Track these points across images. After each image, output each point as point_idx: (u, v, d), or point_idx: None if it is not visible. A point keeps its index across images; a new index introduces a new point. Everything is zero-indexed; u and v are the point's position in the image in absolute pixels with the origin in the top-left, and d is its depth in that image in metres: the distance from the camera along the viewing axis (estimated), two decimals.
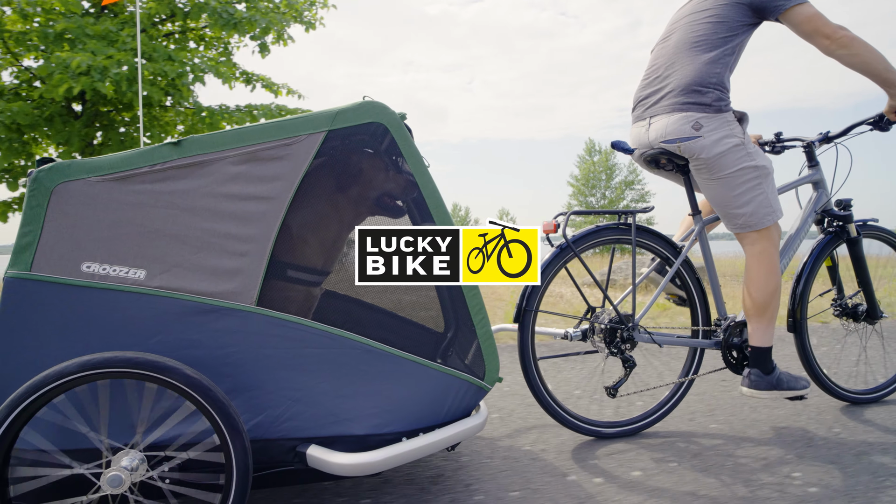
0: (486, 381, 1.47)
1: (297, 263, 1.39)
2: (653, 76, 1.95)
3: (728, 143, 1.79)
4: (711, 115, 1.79)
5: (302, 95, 6.90)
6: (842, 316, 2.24)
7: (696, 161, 1.83)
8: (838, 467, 1.65)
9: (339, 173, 1.42)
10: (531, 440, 1.90)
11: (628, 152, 2.03)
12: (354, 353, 1.35)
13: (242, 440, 1.16)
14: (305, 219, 1.39)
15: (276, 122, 1.34)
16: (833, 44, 1.75)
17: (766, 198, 1.84)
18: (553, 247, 1.87)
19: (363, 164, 1.43)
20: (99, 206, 1.25)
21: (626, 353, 1.86)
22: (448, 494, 1.51)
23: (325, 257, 1.46)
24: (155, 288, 1.26)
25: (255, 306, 1.30)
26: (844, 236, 2.14)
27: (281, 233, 1.33)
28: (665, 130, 1.84)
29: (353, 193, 1.46)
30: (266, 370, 1.31)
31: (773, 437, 1.90)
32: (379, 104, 1.39)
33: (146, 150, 1.28)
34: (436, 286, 1.52)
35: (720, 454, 1.77)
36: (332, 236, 1.46)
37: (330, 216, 1.44)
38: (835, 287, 2.23)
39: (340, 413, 1.34)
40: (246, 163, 1.32)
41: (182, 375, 1.13)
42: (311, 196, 1.38)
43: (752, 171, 1.81)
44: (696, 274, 2.02)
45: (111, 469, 1.13)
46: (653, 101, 1.91)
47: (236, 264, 1.30)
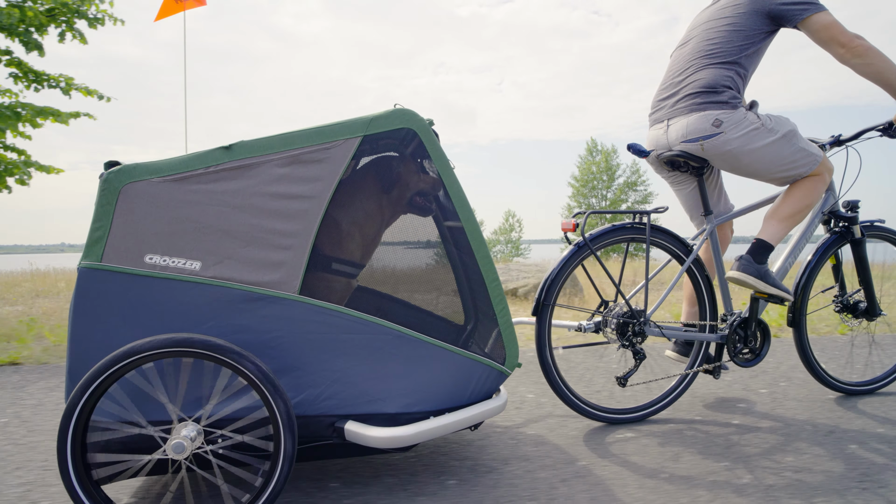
0: (506, 366, 1.59)
1: (335, 257, 1.53)
2: (669, 80, 2.05)
3: (750, 130, 1.90)
4: (729, 111, 1.89)
5: (105, 97, 5.70)
6: (842, 312, 2.33)
7: (724, 156, 1.93)
8: (840, 456, 1.75)
9: (374, 174, 1.54)
10: (546, 427, 2.02)
11: (644, 154, 2.13)
12: (387, 338, 1.48)
13: (289, 415, 1.29)
14: (343, 216, 1.53)
15: (318, 128, 1.47)
16: (848, 52, 1.82)
17: (802, 151, 1.97)
18: (570, 244, 1.99)
19: (395, 166, 1.56)
20: (160, 204, 1.39)
21: (637, 345, 1.97)
22: (460, 471, 1.64)
23: (361, 252, 1.59)
24: (209, 278, 1.40)
25: (297, 295, 1.44)
26: (849, 237, 2.23)
27: (321, 228, 1.47)
28: (686, 130, 1.94)
29: (386, 192, 1.59)
30: (307, 353, 1.44)
31: (776, 427, 2.00)
32: (409, 111, 1.52)
33: (201, 154, 1.42)
34: (457, 283, 1.65)
35: (722, 440, 1.87)
36: (367, 232, 1.59)
37: (365, 214, 1.57)
38: (837, 284, 2.33)
39: (374, 393, 1.47)
40: (290, 165, 1.45)
41: (239, 357, 1.27)
42: (348, 195, 1.51)
43: (781, 140, 1.93)
44: (705, 271, 2.12)
45: (175, 437, 1.27)
46: (670, 103, 2.00)
47: (281, 257, 1.44)
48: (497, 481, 1.58)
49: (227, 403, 1.36)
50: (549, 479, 1.59)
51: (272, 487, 1.28)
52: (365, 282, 1.66)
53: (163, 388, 1.34)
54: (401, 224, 1.67)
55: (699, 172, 2.05)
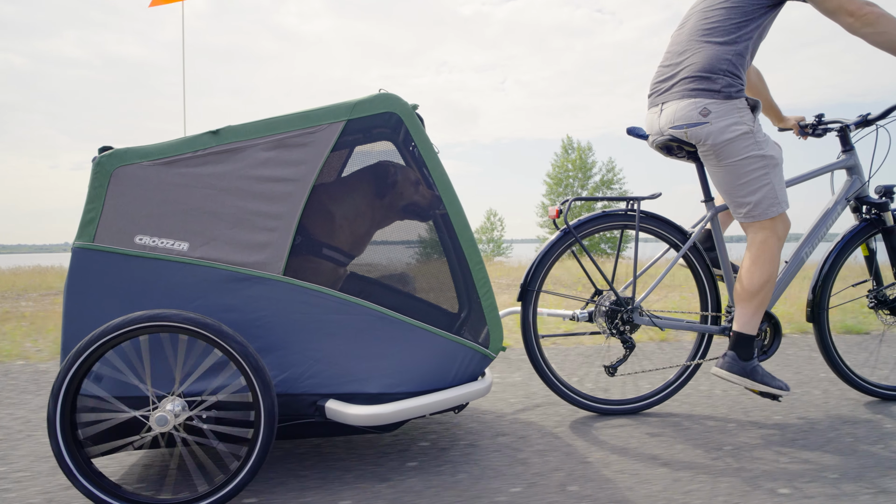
0: (490, 350, 1.59)
1: (319, 239, 1.55)
2: (666, 63, 2.01)
3: (736, 131, 1.81)
4: (720, 102, 1.82)
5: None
6: (878, 308, 2.16)
7: (703, 147, 1.88)
8: (843, 455, 1.70)
9: (357, 158, 1.57)
10: (534, 415, 2.01)
11: (643, 138, 2.10)
12: (370, 319, 1.50)
13: (270, 392, 1.32)
14: (327, 198, 1.55)
15: (302, 113, 1.50)
16: (857, 21, 1.69)
17: (772, 188, 1.84)
18: (558, 230, 1.97)
19: (379, 149, 1.59)
20: (150, 187, 1.44)
21: (626, 334, 1.94)
22: (454, 458, 1.64)
23: (346, 233, 1.62)
24: (196, 258, 1.44)
25: (281, 276, 1.47)
26: (880, 225, 2.08)
27: (305, 211, 1.50)
28: (674, 116, 1.90)
29: (370, 176, 1.61)
30: (291, 333, 1.47)
31: (780, 422, 1.95)
32: (393, 96, 1.54)
33: (190, 139, 1.47)
34: (451, 272, 1.66)
35: (721, 433, 1.83)
36: (352, 214, 1.62)
37: (347, 197, 1.59)
38: (871, 278, 2.17)
39: (356, 373, 1.49)
40: (275, 149, 1.49)
41: (223, 333, 1.30)
42: (333, 178, 1.54)
43: (759, 160, 1.83)
44: (705, 259, 2.07)
45: (159, 411, 1.31)
46: (665, 87, 1.96)
47: (266, 238, 1.47)
48: (483, 470, 1.58)
49: (212, 379, 1.40)
50: (535, 466, 1.58)
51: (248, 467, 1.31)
52: (358, 269, 1.69)
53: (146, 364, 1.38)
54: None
55: (696, 157, 2.01)
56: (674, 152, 2.02)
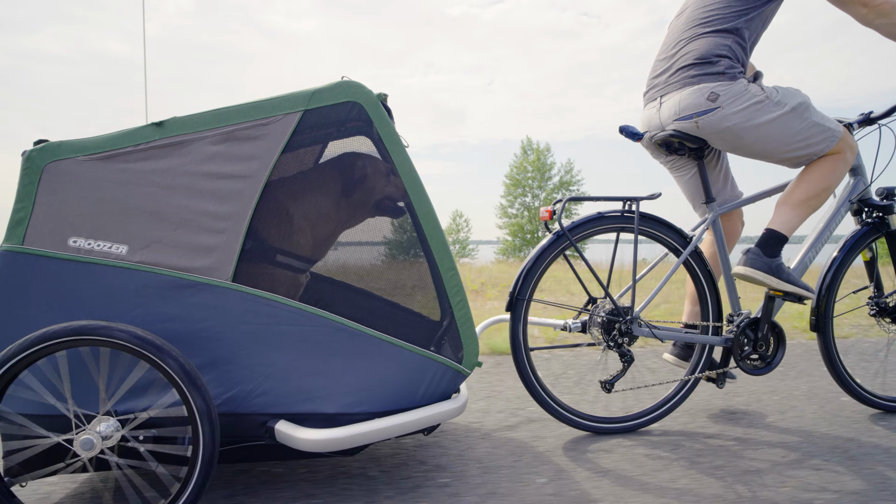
0: (464, 366, 1.44)
1: (274, 240, 1.41)
2: (662, 56, 1.86)
3: (751, 104, 1.68)
4: (727, 83, 1.68)
5: None
6: (879, 316, 2.04)
7: (723, 133, 1.72)
8: (850, 475, 1.52)
9: (316, 152, 1.42)
10: (525, 433, 1.85)
11: (637, 138, 1.94)
12: (328, 331, 1.36)
13: (210, 412, 1.18)
14: (282, 197, 1.41)
15: (254, 103, 1.36)
16: (871, 12, 1.59)
17: (817, 126, 1.73)
18: (550, 233, 1.81)
19: (340, 143, 1.44)
20: (86, 184, 1.31)
21: (624, 346, 1.77)
22: (433, 485, 1.49)
23: (305, 235, 1.47)
24: (136, 263, 1.30)
25: (230, 282, 1.33)
26: (884, 229, 1.96)
27: (257, 211, 1.35)
28: (679, 107, 1.74)
29: (330, 172, 1.46)
30: (240, 345, 1.33)
31: (786, 441, 1.77)
32: (356, 84, 1.39)
33: (131, 131, 1.34)
34: (432, 277, 1.51)
35: (724, 454, 1.66)
36: (311, 215, 1.47)
37: (306, 195, 1.45)
38: (872, 283, 2.04)
39: (312, 390, 1.34)
40: (224, 142, 1.35)
41: (152, 345, 1.16)
42: (289, 173, 1.40)
43: (790, 114, 1.70)
44: (706, 265, 1.90)
45: (86, 433, 1.17)
46: (664, 79, 1.81)
47: (213, 241, 1.33)
48: (461, 489, 1.42)
49: (146, 396, 1.26)
50: (521, 489, 1.42)
51: (188, 493, 1.17)
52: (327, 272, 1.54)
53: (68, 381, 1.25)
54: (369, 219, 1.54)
55: (699, 155, 1.84)
56: (674, 149, 1.85)
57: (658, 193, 1.85)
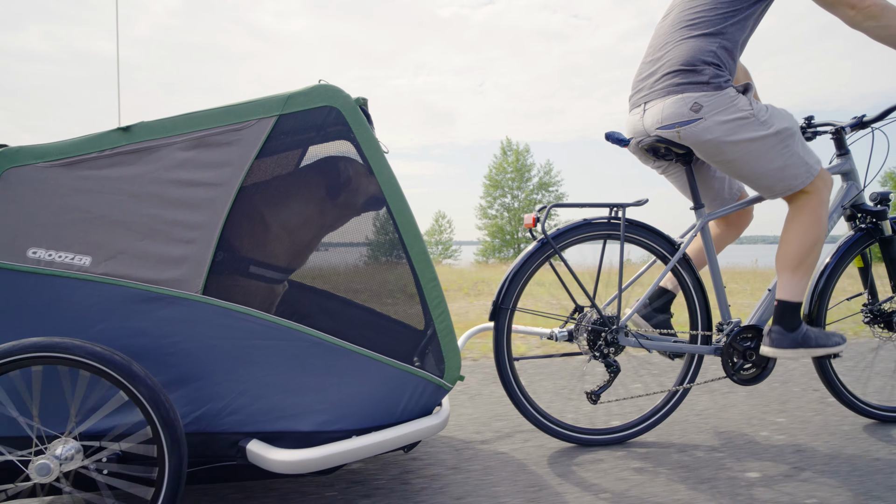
0: (445, 380, 1.39)
1: (248, 250, 1.35)
2: (648, 58, 1.82)
3: (735, 118, 1.63)
4: (711, 94, 1.63)
5: None
6: (873, 324, 1.99)
7: (704, 146, 1.68)
8: (844, 488, 1.49)
9: (292, 158, 1.37)
10: (507, 445, 1.80)
11: (623, 143, 1.91)
12: (303, 345, 1.30)
13: (175, 431, 1.12)
14: (257, 205, 1.35)
15: (227, 108, 1.31)
16: (859, 14, 1.55)
17: (797, 157, 1.68)
18: (535, 241, 1.77)
19: (316, 148, 1.38)
20: (47, 192, 1.25)
21: (610, 357, 1.73)
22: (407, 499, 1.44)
23: (281, 244, 1.41)
24: (100, 275, 1.24)
25: (200, 295, 1.27)
26: (877, 234, 1.92)
27: (229, 219, 1.30)
28: (661, 115, 1.71)
29: (307, 178, 1.41)
30: (211, 361, 1.27)
31: (778, 454, 1.74)
32: (333, 87, 1.34)
33: (95, 136, 1.27)
34: (416, 284, 1.45)
35: (714, 467, 1.62)
36: (287, 222, 1.41)
37: (281, 202, 1.39)
38: (866, 290, 2.00)
39: (286, 408, 1.29)
40: (194, 148, 1.29)
41: (112, 362, 1.10)
42: (263, 181, 1.34)
43: (773, 138, 1.65)
44: (695, 273, 1.87)
45: (41, 457, 1.11)
46: (648, 84, 1.77)
47: (182, 252, 1.27)
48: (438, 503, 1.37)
49: (111, 418, 1.20)
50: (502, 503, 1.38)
51: None
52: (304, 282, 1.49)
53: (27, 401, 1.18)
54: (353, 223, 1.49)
55: (686, 160, 1.81)
56: (661, 155, 1.82)
57: (645, 199, 1.81)
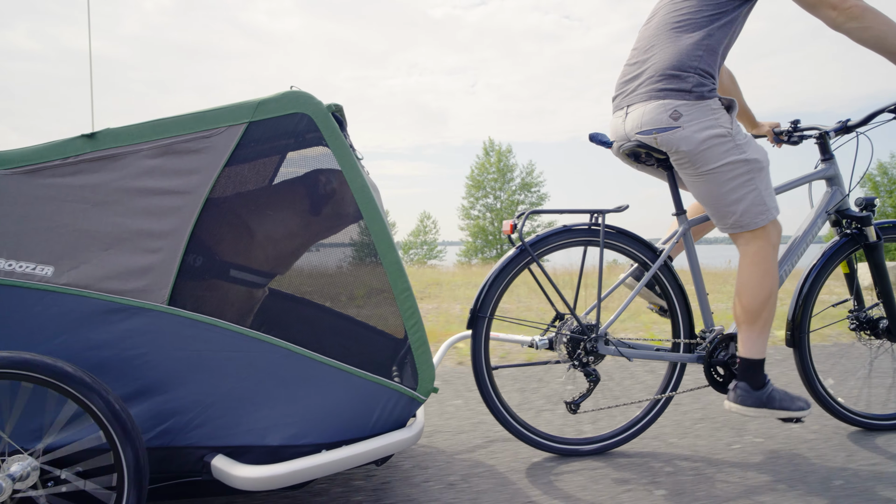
0: (419, 392, 1.36)
1: (217, 260, 1.32)
2: (632, 61, 1.81)
3: (712, 134, 1.61)
4: (692, 103, 1.62)
5: None
6: (859, 330, 1.98)
7: (677, 154, 1.67)
8: (830, 500, 1.47)
9: (262, 166, 1.34)
10: (485, 455, 1.78)
11: (607, 145, 1.89)
12: (272, 357, 1.27)
13: (135, 446, 1.09)
14: (227, 213, 1.32)
15: (195, 114, 1.28)
16: (841, 15, 1.53)
17: (758, 195, 1.65)
18: (513, 247, 1.75)
19: (287, 156, 1.36)
20: (7, 200, 1.21)
21: (590, 366, 1.71)
22: None
23: (252, 254, 1.38)
24: (62, 285, 1.21)
25: (165, 306, 1.24)
26: (862, 240, 1.90)
27: (197, 228, 1.27)
28: (641, 120, 1.69)
29: (278, 187, 1.38)
30: (176, 373, 1.24)
31: (759, 463, 1.72)
32: (304, 94, 1.31)
33: (58, 143, 1.24)
34: (384, 295, 1.43)
35: (696, 478, 1.60)
36: (262, 231, 1.39)
37: (252, 210, 1.36)
38: (852, 297, 1.98)
39: (254, 421, 1.26)
40: (162, 156, 1.26)
41: (67, 376, 1.07)
42: (232, 189, 1.31)
43: (742, 164, 1.63)
44: (677, 280, 1.86)
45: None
46: (631, 88, 1.76)
47: (148, 261, 1.24)
48: None
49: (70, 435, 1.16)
50: None
51: None
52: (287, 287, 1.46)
53: None
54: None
55: (668, 165, 1.79)
56: (642, 160, 1.80)
57: (625, 206, 1.80)
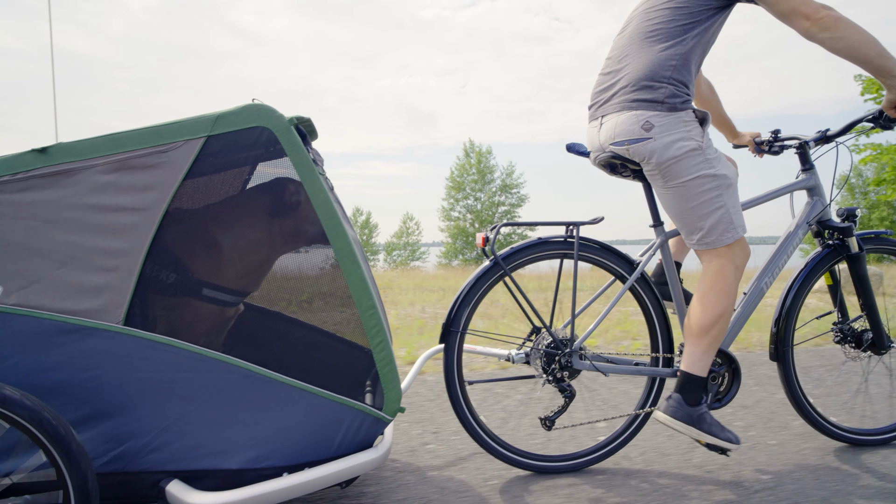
0: (385, 412, 1.33)
1: (174, 278, 1.29)
2: (606, 70, 1.79)
3: (683, 148, 1.59)
4: (664, 114, 1.60)
5: None
6: (843, 342, 1.95)
7: (648, 166, 1.65)
8: None
9: (221, 181, 1.31)
10: (457, 472, 1.74)
11: (584, 155, 1.87)
12: (232, 378, 1.24)
13: (82, 472, 1.05)
14: (185, 230, 1.29)
15: (152, 128, 1.25)
16: (814, 25, 1.51)
17: (726, 212, 1.63)
18: (487, 259, 1.72)
19: (247, 171, 1.33)
20: None
21: (564, 381, 1.68)
22: None
23: (212, 271, 1.35)
24: (11, 306, 1.17)
25: (121, 326, 1.20)
26: (844, 252, 1.88)
27: (154, 246, 1.23)
28: (614, 131, 1.67)
29: (238, 202, 1.35)
30: (132, 396, 1.20)
31: (740, 480, 1.69)
32: (265, 107, 1.28)
33: (7, 158, 1.20)
34: (348, 312, 1.39)
35: (675, 496, 1.57)
36: (221, 248, 1.35)
37: (210, 226, 1.33)
38: (836, 309, 1.96)
39: (213, 444, 1.22)
40: (117, 171, 1.23)
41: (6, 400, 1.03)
42: (190, 206, 1.28)
43: (711, 180, 1.61)
44: (655, 293, 1.83)
45: None
46: (605, 98, 1.74)
47: (103, 280, 1.21)
48: None
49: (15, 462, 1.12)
50: None
51: None
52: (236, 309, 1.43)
53: None
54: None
55: (643, 176, 1.77)
56: (618, 170, 1.78)
57: (600, 218, 1.77)
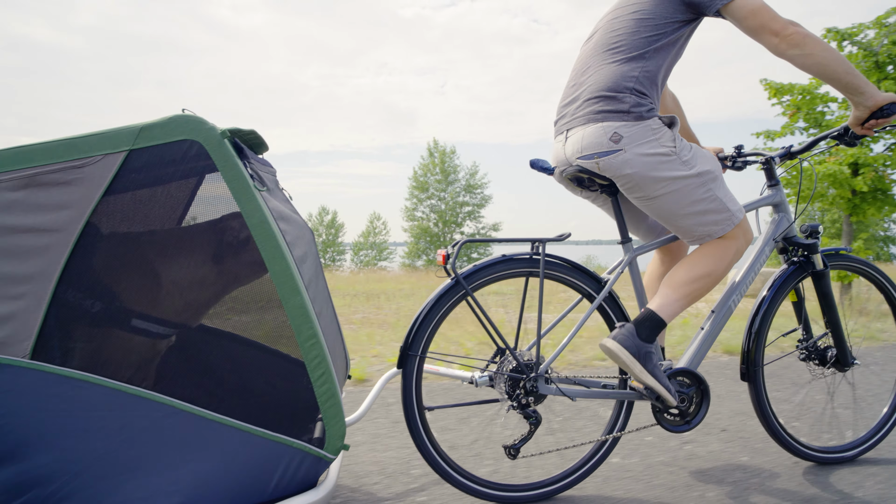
0: (326, 450, 1.23)
1: (92, 305, 1.17)
2: (571, 83, 1.71)
3: (656, 156, 1.53)
4: (632, 124, 1.53)
5: None
6: (808, 360, 1.94)
7: (623, 179, 1.58)
8: None
9: (144, 199, 1.19)
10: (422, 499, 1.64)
11: (549, 172, 1.78)
12: (155, 416, 1.13)
13: None
14: (107, 253, 1.17)
15: (65, 141, 1.13)
16: (783, 42, 1.48)
17: (719, 202, 1.59)
18: (449, 278, 1.63)
19: (172, 188, 1.21)
20: None
21: (529, 407, 1.59)
22: None
23: (139, 297, 1.23)
24: None
25: (28, 360, 1.09)
26: (809, 268, 1.86)
27: (67, 270, 1.12)
28: (581, 145, 1.60)
29: (163, 222, 1.23)
30: (39, 437, 1.08)
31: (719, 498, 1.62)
32: (194, 119, 1.17)
33: None
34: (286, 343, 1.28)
35: None
36: (146, 272, 1.23)
37: (134, 248, 1.21)
38: (801, 326, 1.94)
39: (132, 490, 1.11)
40: (24, 189, 1.11)
41: None
42: (110, 226, 1.16)
43: (694, 179, 1.56)
44: (624, 313, 1.75)
45: None
46: (571, 111, 1.66)
47: (7, 309, 1.09)
48: None
49: None
50: None
51: None
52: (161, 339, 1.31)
53: None
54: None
55: (612, 191, 1.69)
56: (585, 185, 1.70)
57: (567, 234, 1.69)
